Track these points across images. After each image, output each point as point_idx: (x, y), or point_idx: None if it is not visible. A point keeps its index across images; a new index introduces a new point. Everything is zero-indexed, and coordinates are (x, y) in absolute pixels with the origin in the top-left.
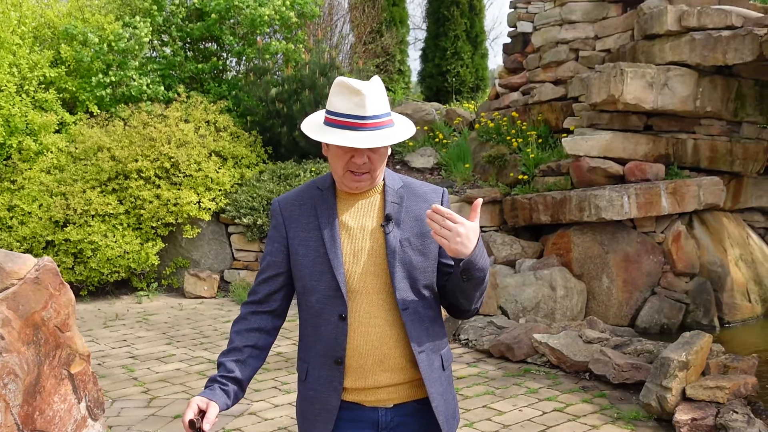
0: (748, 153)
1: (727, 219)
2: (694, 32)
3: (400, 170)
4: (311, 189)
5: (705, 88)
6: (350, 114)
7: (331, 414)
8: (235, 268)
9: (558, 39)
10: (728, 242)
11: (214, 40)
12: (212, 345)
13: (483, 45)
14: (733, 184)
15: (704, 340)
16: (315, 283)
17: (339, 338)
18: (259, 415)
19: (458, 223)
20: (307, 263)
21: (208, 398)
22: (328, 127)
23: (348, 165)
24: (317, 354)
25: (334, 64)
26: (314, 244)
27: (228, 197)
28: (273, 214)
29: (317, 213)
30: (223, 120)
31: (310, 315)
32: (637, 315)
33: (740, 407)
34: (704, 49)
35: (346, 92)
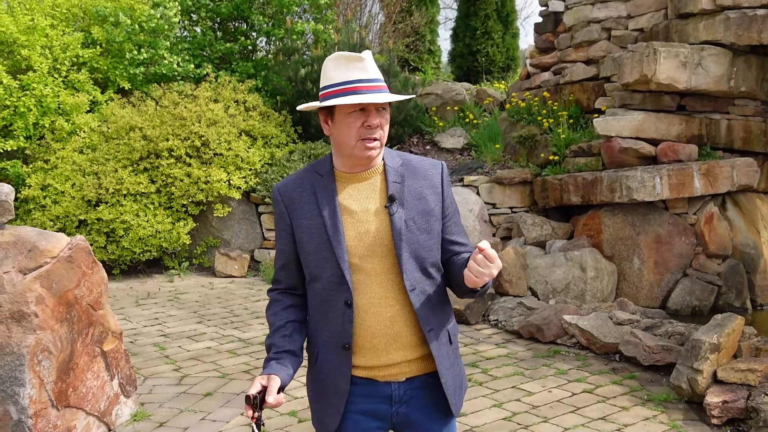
0: None
1: (760, 200)
2: (729, 11)
3: (430, 150)
4: (310, 174)
5: (739, 67)
6: (355, 79)
7: (341, 397)
8: (265, 248)
9: (590, 18)
10: (761, 224)
11: (244, 20)
12: (242, 324)
13: (514, 24)
14: (766, 165)
15: (736, 323)
16: (320, 271)
17: (345, 325)
18: (288, 394)
19: (495, 265)
20: (311, 251)
21: (267, 374)
22: (333, 98)
23: (360, 131)
24: (325, 339)
25: (364, 44)
26: (317, 231)
27: (258, 177)
28: (275, 202)
29: (317, 199)
30: (252, 99)
31: (317, 301)
32: (668, 297)
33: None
34: (739, 28)
35: (345, 62)
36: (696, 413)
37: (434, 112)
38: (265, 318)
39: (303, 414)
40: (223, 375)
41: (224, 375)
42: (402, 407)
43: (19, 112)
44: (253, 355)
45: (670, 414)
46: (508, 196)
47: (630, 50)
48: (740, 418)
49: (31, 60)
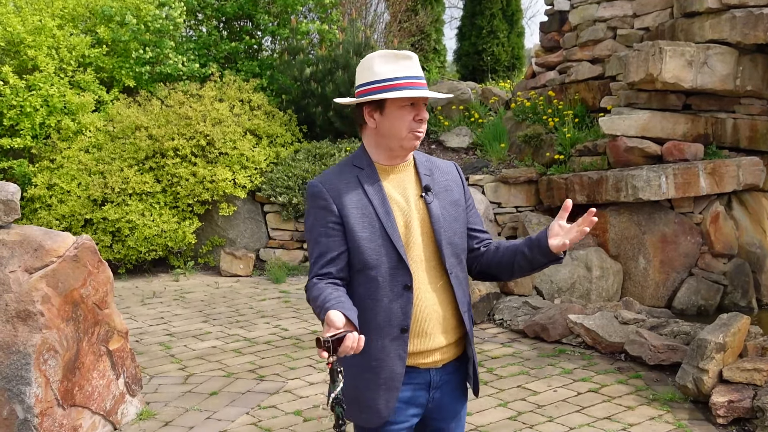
0: None
1: (766, 200)
2: (735, 9)
3: (435, 150)
4: (349, 167)
5: (745, 66)
6: (407, 75)
7: (396, 381)
8: (271, 247)
9: (595, 17)
10: (767, 223)
11: (249, 19)
12: (248, 323)
13: (519, 23)
14: None
15: (742, 322)
16: (375, 258)
17: (405, 307)
18: (294, 393)
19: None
20: (365, 239)
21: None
22: (390, 91)
23: (411, 124)
24: (379, 325)
25: (369, 43)
26: (369, 220)
27: (263, 176)
28: (317, 195)
29: (365, 189)
30: (257, 99)
31: (370, 288)
32: (673, 296)
33: None
34: (745, 27)
35: (395, 59)
36: (701, 413)
37: (439, 111)
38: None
39: (308, 413)
40: (229, 374)
41: (229, 374)
42: (437, 393)
43: (26, 111)
44: (259, 354)
45: (676, 413)
46: (514, 196)
47: (636, 49)
48: (746, 418)
49: (38, 60)
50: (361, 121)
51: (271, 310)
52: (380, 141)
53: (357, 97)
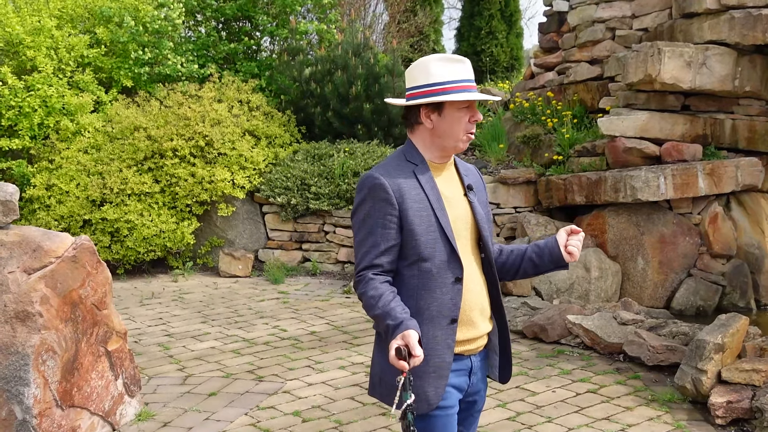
0: None
1: (765, 200)
2: (734, 10)
3: None
4: (404, 162)
5: (744, 67)
6: (465, 78)
7: (445, 369)
8: (270, 248)
9: (594, 18)
10: (766, 224)
11: (248, 20)
12: (247, 324)
13: (518, 24)
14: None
15: (741, 323)
16: (430, 251)
17: (455, 299)
18: (293, 394)
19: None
20: (422, 232)
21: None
22: (451, 94)
23: (466, 126)
24: (431, 316)
25: (368, 44)
26: (425, 214)
27: (262, 176)
28: (378, 187)
29: (421, 184)
30: (256, 99)
31: (424, 280)
32: (672, 297)
33: None
34: (744, 28)
35: (450, 62)
36: (700, 413)
37: None
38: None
39: (306, 414)
40: (228, 375)
41: (228, 375)
42: (474, 378)
43: (24, 112)
44: (257, 355)
45: (675, 414)
46: (512, 196)
47: (634, 50)
48: (745, 419)
49: (37, 61)
50: (415, 120)
51: (269, 310)
52: (435, 141)
53: (411, 98)
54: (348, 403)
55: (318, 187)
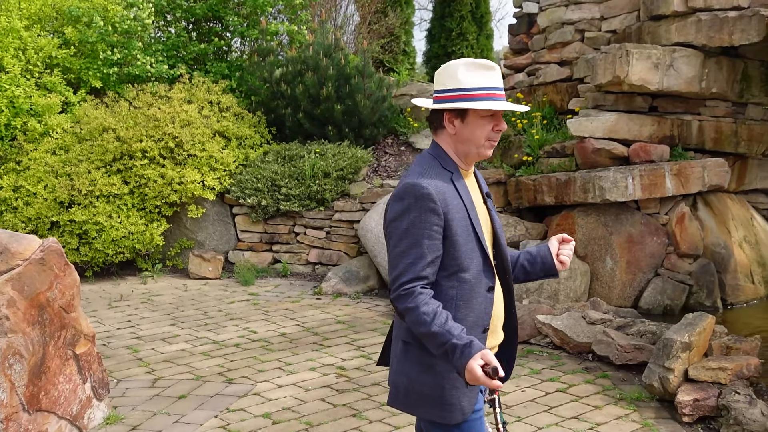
0: (753, 134)
1: (731, 200)
2: (701, 13)
3: (405, 151)
4: (440, 169)
5: (711, 69)
6: (494, 86)
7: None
8: (240, 249)
9: (564, 20)
10: (732, 224)
11: (218, 21)
12: (216, 326)
13: (488, 26)
14: (737, 166)
15: (707, 322)
16: (469, 261)
17: (488, 308)
18: (263, 395)
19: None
20: (463, 242)
21: (480, 350)
22: (474, 101)
23: (490, 134)
24: (469, 326)
25: (339, 44)
26: (465, 224)
27: (233, 178)
28: (426, 197)
29: (459, 193)
30: (226, 100)
31: (463, 290)
32: (640, 296)
33: (742, 388)
34: (710, 30)
35: (478, 68)
36: (668, 411)
37: (409, 113)
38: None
39: (277, 416)
40: (197, 377)
41: (198, 377)
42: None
43: None
44: (228, 357)
45: (642, 412)
46: None
47: (603, 51)
48: (711, 416)
49: (4, 61)
50: (439, 125)
51: (239, 312)
52: (458, 147)
53: (437, 102)
54: (318, 404)
55: (288, 189)
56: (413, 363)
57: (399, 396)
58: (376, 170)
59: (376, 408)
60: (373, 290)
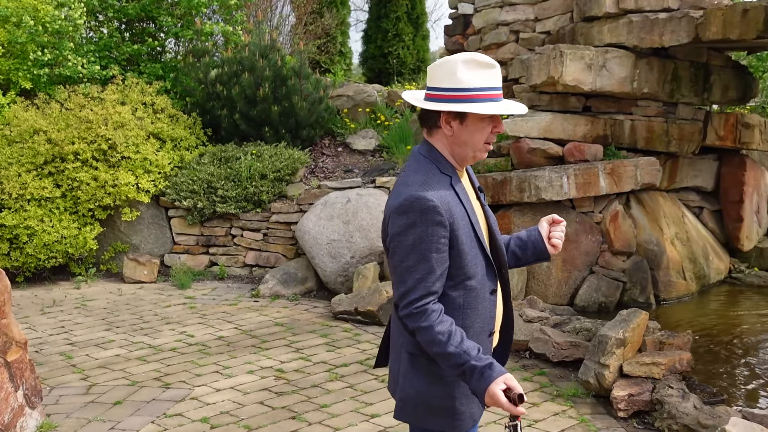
0: (684, 133)
1: (663, 198)
2: (632, 14)
3: (342, 152)
4: (439, 175)
5: (642, 69)
6: (494, 86)
7: None
8: (176, 252)
9: (498, 21)
10: (664, 221)
11: (151, 21)
12: (152, 330)
13: (424, 26)
14: (669, 165)
15: (641, 318)
16: (475, 267)
17: (492, 312)
18: (200, 400)
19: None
20: (468, 249)
21: (502, 374)
22: (476, 103)
23: (488, 136)
24: (475, 333)
25: (275, 45)
26: (468, 230)
27: (168, 180)
28: (431, 210)
29: (460, 199)
30: (160, 102)
31: (470, 297)
32: (576, 294)
33: (675, 382)
34: (641, 31)
35: (478, 66)
36: (603, 407)
37: (346, 113)
38: (175, 324)
39: (215, 420)
40: (133, 383)
41: (134, 383)
42: None
43: None
44: (164, 361)
45: (579, 408)
46: None
47: (537, 52)
48: (645, 411)
49: None
50: (434, 124)
51: (176, 316)
52: (454, 149)
53: (434, 100)
54: (257, 407)
55: (225, 191)
56: (421, 374)
57: (407, 409)
58: (313, 171)
59: (315, 410)
60: (311, 292)
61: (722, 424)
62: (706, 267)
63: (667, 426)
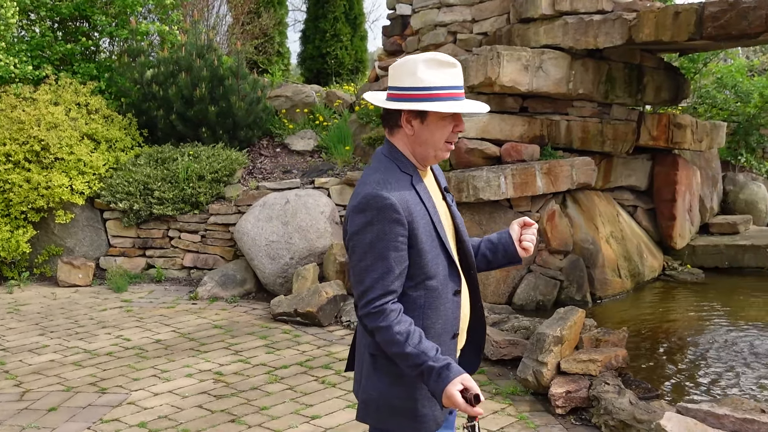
0: (618, 134)
1: (598, 198)
2: (567, 16)
3: (281, 153)
4: (399, 174)
5: (577, 70)
6: (454, 85)
7: None
8: (111, 255)
9: (436, 22)
10: (599, 220)
11: (85, 20)
12: (88, 334)
13: (362, 27)
14: (603, 164)
15: (577, 316)
16: (436, 267)
17: (455, 312)
18: (138, 404)
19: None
20: (428, 249)
21: (461, 373)
22: (435, 102)
23: (449, 135)
24: (437, 333)
25: (212, 45)
26: (429, 229)
27: (103, 182)
28: (388, 207)
29: (421, 198)
30: (95, 102)
31: (431, 298)
32: (514, 292)
33: (611, 379)
34: (576, 33)
35: (438, 66)
36: (542, 404)
37: (284, 114)
38: (111, 328)
39: (153, 425)
40: (68, 388)
41: (69, 388)
42: None
43: None
44: (100, 366)
45: (518, 406)
46: None
47: (475, 53)
48: (583, 407)
49: None
50: (395, 124)
51: (112, 320)
52: (415, 148)
53: (395, 100)
54: (196, 411)
55: (162, 192)
56: (382, 375)
57: (370, 411)
58: (251, 172)
59: (255, 412)
60: (250, 293)
61: (657, 418)
62: (641, 265)
63: (603, 422)
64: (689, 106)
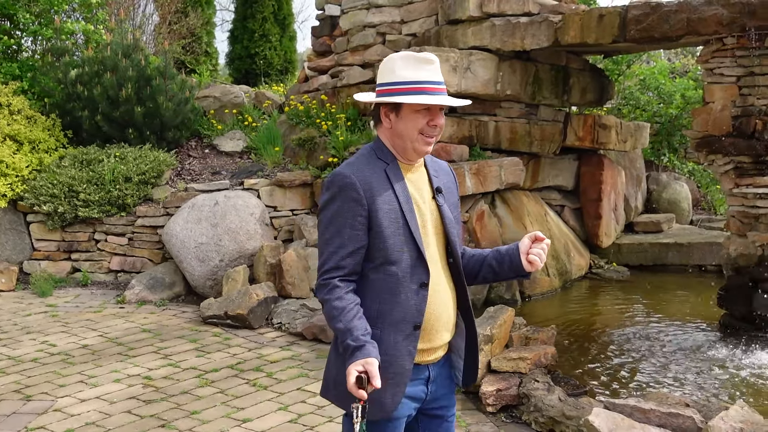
0: (545, 134)
1: (526, 197)
2: (495, 18)
3: (209, 154)
4: (375, 160)
5: (505, 72)
6: (426, 80)
7: (404, 377)
8: (36, 259)
9: (365, 22)
10: (528, 219)
11: (7, 18)
12: (11, 341)
13: (291, 27)
14: (531, 165)
15: (507, 314)
16: (398, 254)
17: (420, 305)
18: (65, 411)
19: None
20: (390, 234)
21: (366, 357)
22: (406, 95)
23: (424, 128)
24: (394, 321)
25: (138, 45)
26: (395, 216)
27: (26, 184)
28: (348, 186)
29: (392, 185)
30: (17, 102)
31: (390, 283)
32: None
33: (541, 376)
34: (504, 35)
35: (415, 62)
36: (473, 403)
37: (212, 115)
38: (36, 333)
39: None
40: None
41: None
42: (433, 386)
43: None
44: (24, 372)
45: None
46: (289, 199)
47: None
48: (513, 405)
49: None
50: (378, 118)
51: (37, 325)
52: (394, 141)
53: (377, 96)
54: (124, 417)
55: (87, 194)
56: (338, 354)
57: (329, 389)
58: (180, 174)
59: (185, 417)
60: (179, 296)
61: (585, 414)
62: (568, 263)
63: (533, 419)
64: (614, 108)
